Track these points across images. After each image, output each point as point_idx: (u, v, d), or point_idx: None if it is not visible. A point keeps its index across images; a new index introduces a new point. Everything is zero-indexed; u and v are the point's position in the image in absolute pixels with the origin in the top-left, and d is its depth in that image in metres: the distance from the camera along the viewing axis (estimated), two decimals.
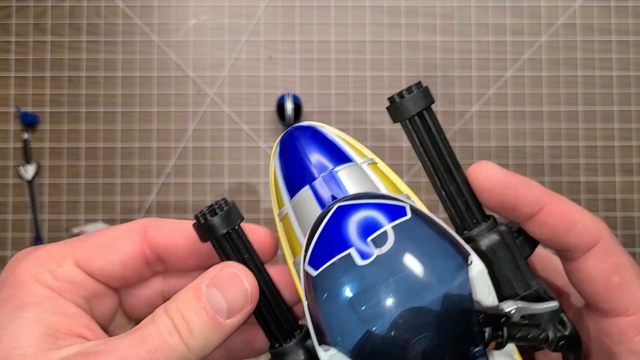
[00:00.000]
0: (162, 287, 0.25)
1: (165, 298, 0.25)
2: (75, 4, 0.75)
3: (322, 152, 0.23)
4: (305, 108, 0.74)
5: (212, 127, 0.74)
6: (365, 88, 0.74)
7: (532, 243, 0.23)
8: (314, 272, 0.20)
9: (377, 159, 0.24)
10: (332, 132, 0.24)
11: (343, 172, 0.22)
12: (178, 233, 0.24)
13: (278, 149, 0.23)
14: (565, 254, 0.23)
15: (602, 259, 0.21)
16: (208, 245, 0.23)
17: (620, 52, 0.75)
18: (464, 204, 0.23)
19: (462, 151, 0.74)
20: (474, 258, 0.20)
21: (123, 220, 0.73)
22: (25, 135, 0.74)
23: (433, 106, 0.23)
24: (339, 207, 0.21)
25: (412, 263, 0.19)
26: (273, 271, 0.24)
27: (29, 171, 0.73)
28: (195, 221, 0.22)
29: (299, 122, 0.75)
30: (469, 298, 0.19)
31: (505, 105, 0.74)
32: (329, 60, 0.75)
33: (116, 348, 0.20)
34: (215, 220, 0.21)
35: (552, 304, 0.21)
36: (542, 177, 0.74)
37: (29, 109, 0.74)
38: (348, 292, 0.19)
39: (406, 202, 0.21)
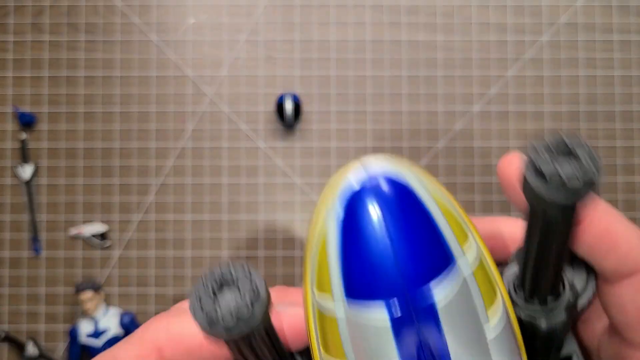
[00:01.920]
0: None
1: None
2: (73, 3, 0.75)
3: (417, 244, 0.14)
4: (305, 108, 0.74)
5: (211, 127, 0.74)
6: (366, 88, 0.74)
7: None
8: None
9: (477, 237, 0.15)
10: (430, 197, 0.15)
11: (443, 303, 0.14)
12: (200, 351, 0.19)
13: (342, 217, 0.14)
14: (600, 274, 0.20)
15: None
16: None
17: (622, 52, 0.74)
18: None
19: (464, 151, 0.74)
20: None
21: (121, 222, 0.73)
22: (23, 136, 0.73)
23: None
24: None
25: None
26: None
27: (27, 171, 0.72)
28: (192, 305, 0.14)
29: (298, 122, 0.75)
30: None
31: (506, 105, 0.74)
32: (328, 59, 0.74)
33: None
34: (227, 313, 0.13)
35: None
36: None
37: (27, 109, 0.74)
38: None
39: None
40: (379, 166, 0.14)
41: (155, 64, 0.74)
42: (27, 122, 0.73)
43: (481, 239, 0.16)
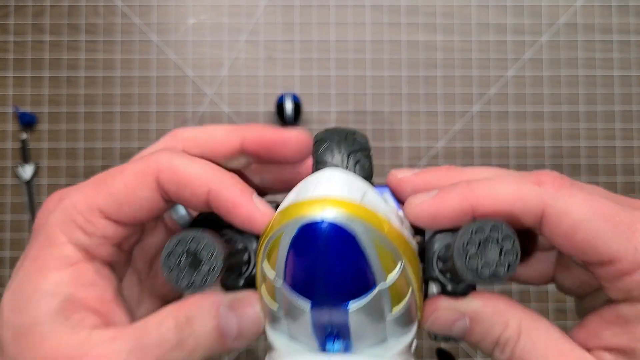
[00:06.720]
0: None
1: None
2: (74, 3, 0.75)
3: (347, 277, 0.19)
4: (305, 108, 0.74)
5: None
6: (365, 88, 0.74)
7: None
8: None
9: (406, 260, 0.20)
10: (370, 241, 0.18)
11: (355, 313, 0.19)
12: (190, 187, 0.23)
13: (294, 235, 0.18)
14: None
15: (556, 227, 0.20)
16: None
17: (621, 52, 0.75)
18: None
19: (463, 152, 0.74)
20: None
21: None
22: (24, 136, 0.73)
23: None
24: None
25: None
26: None
27: (27, 171, 0.73)
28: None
29: (298, 122, 0.75)
30: None
31: (506, 105, 0.74)
32: (328, 59, 0.75)
33: (117, 355, 0.21)
34: (186, 283, 0.20)
35: None
36: None
37: (27, 109, 0.74)
38: None
39: None
40: (332, 214, 0.18)
41: (156, 64, 0.74)
42: (27, 122, 0.73)
43: (412, 259, 0.20)
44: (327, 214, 0.17)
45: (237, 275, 0.23)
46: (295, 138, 0.24)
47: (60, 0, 0.75)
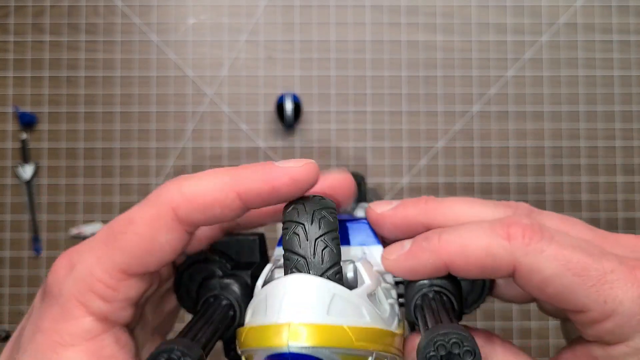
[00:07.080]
0: None
1: None
2: (74, 3, 0.75)
3: None
4: (305, 108, 0.74)
5: (211, 127, 0.74)
6: (365, 88, 0.74)
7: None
8: None
9: (377, 345, 0.21)
10: (337, 357, 0.20)
11: None
12: (218, 204, 0.21)
13: None
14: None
15: (528, 281, 0.21)
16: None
17: (621, 52, 0.75)
18: None
19: (463, 152, 0.74)
20: None
21: None
22: (24, 136, 0.73)
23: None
24: None
25: None
26: None
27: (27, 171, 0.72)
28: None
29: (298, 122, 0.75)
30: None
31: (506, 105, 0.74)
32: (328, 59, 0.75)
33: None
34: None
35: None
36: (542, 176, 0.73)
37: (27, 109, 0.74)
38: None
39: None
40: (297, 345, 0.19)
41: (156, 64, 0.74)
42: (27, 122, 0.73)
43: (385, 342, 0.21)
44: (293, 345, 0.19)
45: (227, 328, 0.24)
46: (342, 181, 0.26)
47: (60, 0, 0.75)
